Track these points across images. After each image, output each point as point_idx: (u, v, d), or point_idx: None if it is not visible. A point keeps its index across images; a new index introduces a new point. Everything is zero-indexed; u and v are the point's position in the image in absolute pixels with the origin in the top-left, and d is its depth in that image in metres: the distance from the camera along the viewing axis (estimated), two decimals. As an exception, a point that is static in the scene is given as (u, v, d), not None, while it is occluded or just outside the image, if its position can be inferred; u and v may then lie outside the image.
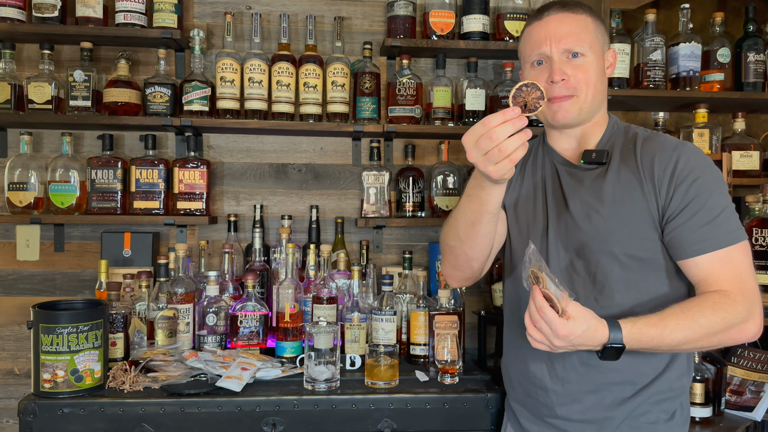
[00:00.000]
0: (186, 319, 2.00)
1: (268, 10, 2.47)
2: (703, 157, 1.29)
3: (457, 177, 2.40)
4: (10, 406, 2.36)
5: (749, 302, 1.21)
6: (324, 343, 1.75)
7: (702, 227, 1.23)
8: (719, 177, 1.28)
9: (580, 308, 1.17)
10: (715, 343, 1.21)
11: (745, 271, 1.23)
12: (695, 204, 1.24)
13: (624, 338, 1.17)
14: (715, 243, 1.23)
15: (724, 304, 1.19)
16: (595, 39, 1.36)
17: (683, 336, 1.18)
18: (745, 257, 1.24)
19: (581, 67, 1.33)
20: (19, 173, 2.21)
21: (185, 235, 2.42)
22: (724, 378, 2.03)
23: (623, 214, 1.30)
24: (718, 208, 1.23)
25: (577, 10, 1.37)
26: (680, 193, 1.25)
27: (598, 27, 1.38)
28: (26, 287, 2.39)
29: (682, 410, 1.36)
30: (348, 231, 2.48)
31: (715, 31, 2.35)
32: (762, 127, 2.59)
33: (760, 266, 1.89)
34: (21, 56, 2.35)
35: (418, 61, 2.52)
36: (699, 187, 1.24)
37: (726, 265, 1.22)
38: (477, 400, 1.75)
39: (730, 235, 1.23)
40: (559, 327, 1.13)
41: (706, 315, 1.18)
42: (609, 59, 1.41)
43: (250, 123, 2.26)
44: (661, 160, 1.28)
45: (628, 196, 1.30)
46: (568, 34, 1.32)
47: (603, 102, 1.41)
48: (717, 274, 1.23)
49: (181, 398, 1.67)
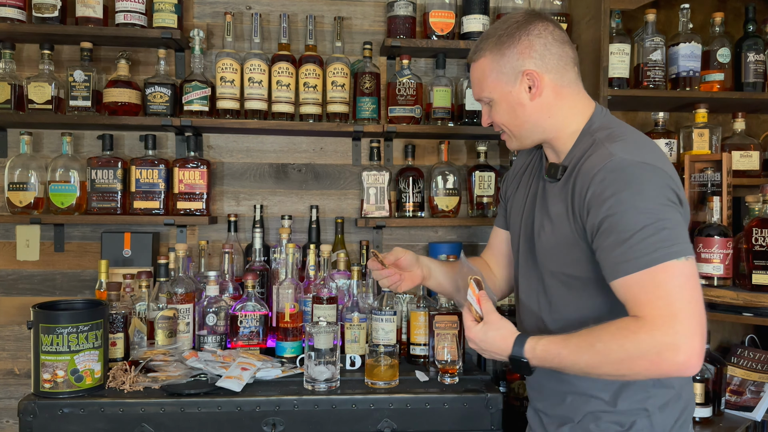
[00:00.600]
0: (186, 319, 2.00)
1: (268, 10, 2.47)
2: (623, 174, 1.17)
3: (457, 177, 2.41)
4: (10, 406, 2.36)
5: (672, 331, 1.07)
6: (324, 343, 1.75)
7: (614, 250, 1.15)
8: (639, 194, 1.15)
9: (497, 317, 1.29)
10: (625, 372, 1.14)
11: (672, 295, 1.10)
12: (607, 226, 1.16)
13: (526, 353, 1.22)
14: (626, 267, 1.13)
15: (625, 331, 1.11)
16: (495, 80, 1.33)
17: (585, 360, 1.16)
18: (672, 279, 1.10)
19: (494, 111, 1.38)
20: (19, 173, 2.21)
21: (185, 235, 2.42)
22: (724, 378, 2.03)
23: (558, 234, 1.30)
24: (632, 229, 1.13)
25: (477, 55, 1.36)
26: (592, 216, 1.19)
27: (498, 62, 1.32)
28: (26, 287, 2.39)
29: (648, 421, 1.28)
30: (348, 231, 2.48)
31: (715, 31, 2.35)
32: (762, 127, 2.59)
33: (760, 266, 1.88)
34: (21, 56, 2.35)
35: (418, 61, 2.52)
36: (610, 208, 1.16)
37: (641, 289, 1.12)
38: (477, 400, 1.75)
39: (645, 257, 1.11)
40: (469, 329, 1.30)
41: (603, 340, 1.14)
42: (526, 83, 1.31)
43: (250, 123, 2.26)
44: (581, 181, 1.24)
45: (560, 217, 1.30)
46: (473, 84, 1.40)
47: (543, 122, 1.34)
48: (633, 299, 1.13)
49: (181, 398, 1.67)
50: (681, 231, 1.16)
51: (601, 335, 1.15)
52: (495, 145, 2.56)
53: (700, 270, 2.00)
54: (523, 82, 1.31)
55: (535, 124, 1.34)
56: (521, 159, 1.55)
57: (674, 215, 1.16)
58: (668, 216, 1.15)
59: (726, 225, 2.01)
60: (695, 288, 1.12)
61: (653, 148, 1.26)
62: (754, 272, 1.90)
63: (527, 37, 1.30)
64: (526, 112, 1.33)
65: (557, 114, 1.33)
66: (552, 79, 1.31)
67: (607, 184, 1.18)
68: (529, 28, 1.31)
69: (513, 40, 1.31)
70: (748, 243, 1.91)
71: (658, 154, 1.25)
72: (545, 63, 1.31)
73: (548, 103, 1.32)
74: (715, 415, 1.96)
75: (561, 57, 1.32)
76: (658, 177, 1.18)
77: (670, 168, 1.23)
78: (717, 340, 2.52)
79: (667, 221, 1.14)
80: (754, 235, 1.89)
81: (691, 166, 2.16)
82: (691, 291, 1.11)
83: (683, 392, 1.32)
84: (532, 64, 1.30)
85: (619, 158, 1.19)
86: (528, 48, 1.30)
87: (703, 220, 2.06)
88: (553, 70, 1.31)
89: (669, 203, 1.17)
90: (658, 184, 1.18)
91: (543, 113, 1.33)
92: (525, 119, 1.34)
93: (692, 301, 1.11)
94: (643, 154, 1.21)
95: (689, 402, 1.34)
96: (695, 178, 2.15)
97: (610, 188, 1.17)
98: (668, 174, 1.21)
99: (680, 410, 1.31)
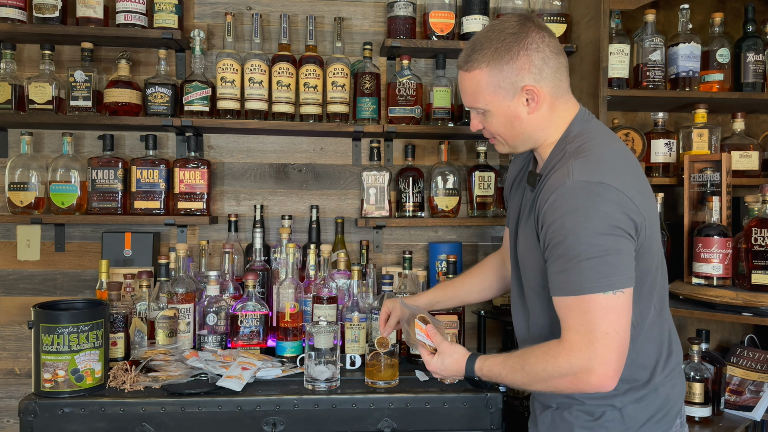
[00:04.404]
0: (186, 318, 2.00)
1: (268, 10, 2.47)
2: (573, 199, 1.18)
3: (457, 177, 2.41)
4: (11, 406, 2.37)
5: (587, 357, 1.16)
6: (324, 342, 1.75)
7: (554, 270, 1.22)
8: (585, 221, 1.17)
9: (447, 345, 1.44)
10: (552, 389, 1.24)
11: (595, 324, 1.16)
12: (551, 246, 1.22)
13: (476, 372, 1.37)
14: (561, 289, 1.21)
15: (547, 355, 1.22)
16: (492, 93, 1.32)
17: (519, 379, 1.28)
18: (595, 310, 1.16)
19: (487, 120, 1.38)
20: (20, 173, 2.21)
21: (186, 235, 2.42)
22: (724, 378, 2.03)
23: (529, 243, 1.35)
24: (570, 256, 1.18)
25: (471, 66, 1.33)
26: (543, 234, 1.25)
27: (496, 77, 1.31)
28: (27, 287, 2.39)
29: (618, 413, 1.31)
30: (348, 231, 2.49)
31: (715, 31, 2.35)
32: (761, 128, 2.59)
33: (759, 266, 1.89)
34: (22, 56, 2.35)
35: (418, 62, 2.53)
36: (555, 231, 1.21)
37: (570, 312, 1.20)
38: (477, 400, 1.75)
39: (575, 284, 1.17)
40: (428, 363, 1.46)
41: (530, 363, 1.25)
42: (524, 97, 1.31)
43: (251, 123, 2.27)
44: (542, 197, 1.27)
45: (531, 226, 1.34)
46: (464, 93, 1.38)
47: (536, 133, 1.36)
48: (563, 318, 1.21)
49: (181, 398, 1.68)
50: (619, 263, 1.17)
51: (529, 358, 1.26)
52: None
53: (700, 270, 2.00)
54: (522, 96, 1.32)
55: (529, 135, 1.37)
56: (517, 163, 1.57)
57: (617, 244, 1.17)
58: (609, 246, 1.17)
59: (725, 225, 2.02)
60: (617, 321, 1.17)
61: (617, 167, 1.25)
62: (754, 272, 1.90)
63: (526, 52, 1.29)
64: (523, 124, 1.35)
65: (549, 125, 1.36)
66: (548, 92, 1.32)
67: (556, 206, 1.21)
68: (526, 42, 1.29)
69: (511, 54, 1.29)
70: (747, 243, 1.92)
71: (621, 173, 1.23)
72: (543, 77, 1.31)
73: (543, 116, 1.34)
74: (714, 415, 1.96)
75: (557, 69, 1.32)
76: (609, 202, 1.18)
77: (631, 189, 1.21)
78: (716, 340, 2.52)
79: (605, 251, 1.16)
80: (754, 235, 1.90)
81: (691, 166, 2.16)
82: (612, 324, 1.17)
83: (661, 388, 1.33)
84: (531, 80, 1.30)
85: (572, 181, 1.20)
86: (527, 63, 1.29)
87: (703, 220, 2.06)
88: (550, 83, 1.32)
89: (615, 230, 1.17)
90: (607, 211, 1.18)
91: (538, 125, 1.35)
92: (521, 131, 1.36)
93: (611, 332, 1.17)
94: (602, 173, 1.20)
95: (671, 398, 1.35)
96: (695, 178, 2.15)
97: (558, 211, 1.21)
98: (626, 196, 1.19)
99: (658, 406, 1.32)
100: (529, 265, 1.37)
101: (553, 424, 1.39)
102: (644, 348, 1.32)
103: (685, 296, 2.03)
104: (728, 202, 2.07)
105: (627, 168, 1.28)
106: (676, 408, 1.37)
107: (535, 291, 1.37)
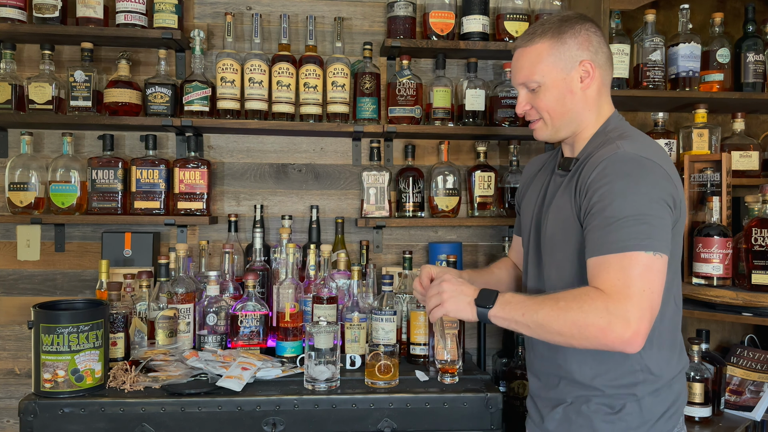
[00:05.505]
0: (186, 318, 2.00)
1: (268, 10, 2.47)
2: (623, 165, 1.25)
3: (457, 177, 2.41)
4: (11, 406, 2.37)
5: (624, 308, 1.15)
6: (324, 342, 1.75)
7: (596, 232, 1.23)
8: (633, 185, 1.23)
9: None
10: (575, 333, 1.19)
11: (634, 280, 1.17)
12: (597, 209, 1.25)
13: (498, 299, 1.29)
14: (601, 248, 1.21)
15: (586, 297, 1.19)
16: (552, 65, 1.38)
17: (544, 312, 1.22)
18: (635, 267, 1.18)
19: (538, 97, 1.41)
20: (20, 173, 2.21)
21: (186, 235, 2.42)
22: (724, 378, 2.03)
23: (559, 220, 1.38)
24: (616, 216, 1.21)
25: (533, 41, 1.40)
26: (588, 198, 1.28)
27: (558, 49, 1.37)
28: (27, 287, 2.39)
29: (638, 405, 1.32)
30: (348, 231, 2.49)
31: (715, 31, 2.35)
32: (761, 128, 2.59)
33: (759, 266, 1.89)
34: (21, 56, 2.35)
35: (418, 62, 2.53)
36: (602, 195, 1.24)
37: (608, 269, 1.20)
38: (477, 400, 1.75)
39: (618, 243, 1.19)
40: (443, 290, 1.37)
41: (566, 299, 1.21)
42: (580, 73, 1.38)
43: (251, 123, 2.27)
44: (587, 169, 1.32)
45: (564, 204, 1.37)
46: (521, 69, 1.42)
47: (582, 114, 1.41)
48: (599, 276, 1.21)
49: (181, 398, 1.68)
50: (661, 229, 1.22)
51: (565, 295, 1.23)
52: (495, 145, 2.57)
53: (700, 270, 2.00)
54: (578, 71, 1.38)
55: (577, 114, 1.41)
56: (533, 166, 1.63)
57: (660, 212, 1.23)
58: (653, 212, 1.22)
59: (725, 225, 2.01)
60: (654, 281, 1.19)
61: (659, 150, 1.34)
62: (754, 272, 1.90)
63: (587, 32, 1.38)
64: (574, 100, 1.40)
65: (594, 109, 1.41)
66: (600, 74, 1.40)
67: (607, 172, 1.26)
68: (587, 26, 1.39)
69: (575, 31, 1.38)
70: (747, 243, 1.92)
71: (663, 156, 1.32)
72: (598, 58, 1.39)
73: (592, 96, 1.40)
74: (714, 415, 1.96)
75: (608, 59, 1.42)
76: (657, 174, 1.26)
77: (672, 170, 1.30)
78: (716, 340, 2.52)
79: (650, 216, 1.21)
80: (754, 235, 1.90)
81: (691, 166, 2.16)
82: (650, 283, 1.18)
83: (674, 384, 1.36)
84: (589, 56, 1.38)
85: (623, 151, 1.27)
86: (587, 41, 1.38)
87: (703, 220, 2.06)
88: (603, 66, 1.40)
89: (659, 201, 1.24)
90: (654, 181, 1.25)
91: (586, 105, 1.41)
92: (570, 107, 1.40)
93: (647, 290, 1.17)
94: (649, 151, 1.29)
95: (681, 396, 1.38)
96: (695, 178, 2.15)
97: (608, 176, 1.26)
98: (668, 174, 1.28)
99: (671, 401, 1.35)
100: (559, 243, 1.37)
101: (566, 420, 1.37)
102: (662, 337, 1.33)
103: (685, 296, 2.02)
104: (728, 202, 2.07)
105: (666, 157, 1.35)
106: (683, 406, 1.39)
107: (561, 277, 1.37)
